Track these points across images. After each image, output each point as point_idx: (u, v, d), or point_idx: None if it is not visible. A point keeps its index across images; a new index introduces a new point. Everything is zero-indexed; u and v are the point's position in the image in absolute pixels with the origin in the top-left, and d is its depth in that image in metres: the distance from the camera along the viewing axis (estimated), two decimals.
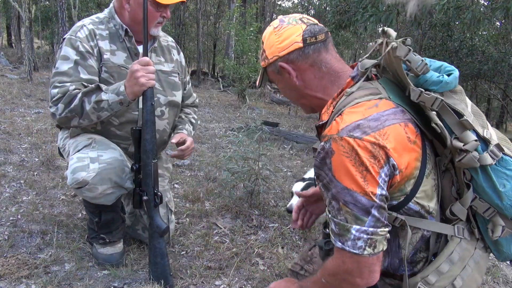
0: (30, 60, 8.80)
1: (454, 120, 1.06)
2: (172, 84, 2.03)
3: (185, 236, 2.30)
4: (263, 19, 15.84)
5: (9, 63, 12.21)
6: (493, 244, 1.16)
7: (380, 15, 5.58)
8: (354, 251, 1.04)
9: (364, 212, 1.02)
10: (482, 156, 1.03)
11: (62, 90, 1.70)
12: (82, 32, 1.81)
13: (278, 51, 1.18)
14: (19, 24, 17.03)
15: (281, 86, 1.29)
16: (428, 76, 1.08)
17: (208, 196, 2.95)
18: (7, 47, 21.95)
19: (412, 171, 1.07)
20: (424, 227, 1.13)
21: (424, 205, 1.11)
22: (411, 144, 1.07)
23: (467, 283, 1.11)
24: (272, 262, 2.09)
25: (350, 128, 1.03)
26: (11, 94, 6.56)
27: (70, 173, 1.67)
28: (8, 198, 2.55)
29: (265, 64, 1.25)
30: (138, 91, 1.64)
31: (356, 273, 1.07)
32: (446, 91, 1.09)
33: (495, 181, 1.05)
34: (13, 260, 1.81)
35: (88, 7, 12.81)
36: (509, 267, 2.31)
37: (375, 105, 1.08)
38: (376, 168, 1.01)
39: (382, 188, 1.02)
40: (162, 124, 2.00)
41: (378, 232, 1.03)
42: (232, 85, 10.07)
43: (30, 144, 3.82)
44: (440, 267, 1.11)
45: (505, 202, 1.05)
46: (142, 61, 1.63)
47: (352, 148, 1.01)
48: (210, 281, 1.85)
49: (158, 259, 1.70)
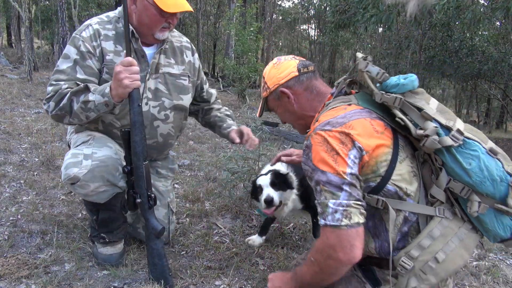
0: (30, 60, 8.80)
1: (416, 114, 1.28)
2: (180, 88, 2.00)
3: (185, 236, 2.30)
4: (263, 19, 15.84)
5: (9, 63, 12.20)
6: (479, 223, 1.26)
7: (381, 16, 5.57)
8: (334, 223, 1.22)
9: (338, 188, 1.23)
10: (442, 139, 1.22)
11: (56, 89, 1.71)
12: (87, 31, 1.81)
13: (278, 80, 1.49)
14: (19, 24, 17.03)
15: (280, 111, 1.56)
16: (388, 81, 1.33)
17: (208, 196, 2.95)
18: (7, 47, 21.94)
19: (381, 154, 1.26)
20: (405, 208, 1.28)
21: (402, 187, 1.27)
22: (378, 134, 1.28)
23: (451, 257, 1.23)
24: (272, 262, 2.09)
25: (322, 124, 1.30)
26: (11, 94, 6.56)
27: (63, 168, 1.68)
28: (8, 198, 2.55)
29: (267, 94, 1.55)
30: (123, 93, 1.60)
31: (338, 248, 1.22)
32: (408, 92, 1.31)
33: (462, 161, 1.21)
34: (13, 260, 1.81)
35: (89, 7, 12.79)
36: (509, 267, 2.31)
37: (344, 108, 1.35)
38: (345, 151, 1.24)
39: (351, 168, 1.23)
40: (166, 128, 1.98)
41: (351, 204, 1.22)
42: (232, 85, 10.08)
43: (30, 144, 3.82)
44: (421, 242, 1.24)
45: (473, 178, 1.20)
46: (124, 61, 1.58)
47: (324, 139, 1.27)
48: (210, 281, 1.85)
49: (156, 260, 1.70)
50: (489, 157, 1.22)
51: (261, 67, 9.57)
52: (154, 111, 1.93)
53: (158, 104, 1.94)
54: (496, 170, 1.20)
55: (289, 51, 19.31)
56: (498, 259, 2.38)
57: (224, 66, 9.89)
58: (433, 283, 1.24)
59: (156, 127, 1.96)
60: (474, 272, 2.18)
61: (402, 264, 1.24)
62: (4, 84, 7.58)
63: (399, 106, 1.29)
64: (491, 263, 2.31)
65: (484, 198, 1.22)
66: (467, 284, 2.05)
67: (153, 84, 1.92)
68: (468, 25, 7.46)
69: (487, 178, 1.20)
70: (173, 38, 2.03)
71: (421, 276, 1.23)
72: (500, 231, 1.25)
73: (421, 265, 1.24)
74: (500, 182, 1.20)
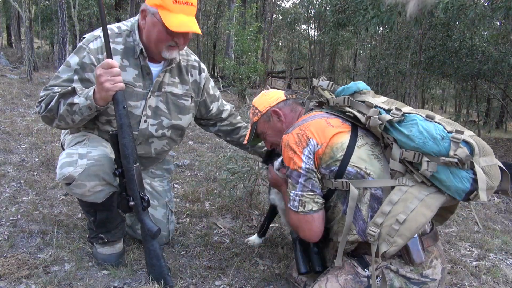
0: (30, 60, 8.80)
1: (362, 106, 1.52)
2: (180, 108, 2.00)
3: (185, 236, 2.30)
4: (263, 19, 15.82)
5: (9, 63, 12.20)
6: (439, 183, 1.36)
7: (382, 16, 5.55)
8: (293, 208, 1.52)
9: (295, 181, 1.51)
10: (381, 116, 1.43)
11: (48, 93, 1.72)
12: (95, 43, 1.78)
13: (269, 103, 1.78)
14: (19, 24, 17.02)
15: (269, 132, 1.79)
16: (337, 90, 1.63)
17: (208, 196, 2.95)
18: (7, 47, 21.94)
19: (336, 143, 1.48)
20: (368, 185, 1.45)
21: (361, 167, 1.46)
22: (333, 127, 1.51)
23: (412, 217, 1.34)
24: (272, 262, 2.09)
25: (287, 130, 1.60)
26: (11, 94, 6.56)
27: (58, 168, 1.68)
28: (8, 198, 2.55)
29: (258, 118, 1.79)
30: (106, 96, 1.58)
31: (298, 228, 1.54)
32: (356, 93, 1.56)
33: (404, 130, 1.39)
34: (13, 260, 1.81)
35: (89, 5, 12.77)
36: (509, 267, 2.31)
37: (306, 115, 1.63)
38: (300, 149, 1.49)
39: (305, 163, 1.48)
40: (160, 144, 2.00)
41: (304, 195, 1.49)
42: (232, 85, 10.07)
43: (30, 144, 3.82)
44: (383, 209, 1.38)
45: (417, 141, 1.36)
46: (104, 64, 1.55)
47: (286, 140, 1.54)
48: (210, 281, 1.85)
49: (153, 260, 1.70)
50: (427, 122, 1.39)
51: (261, 67, 9.57)
52: (152, 129, 1.92)
53: (157, 122, 1.93)
54: (435, 130, 1.36)
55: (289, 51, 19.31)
56: (498, 259, 2.38)
57: (224, 66, 9.88)
58: (401, 243, 1.34)
59: (150, 143, 1.96)
60: (474, 272, 2.18)
61: (369, 233, 1.37)
62: (4, 84, 7.58)
63: (348, 104, 1.55)
64: (491, 263, 2.31)
65: (434, 158, 1.34)
66: (467, 284, 2.05)
67: (154, 102, 1.91)
68: (468, 25, 7.45)
69: (428, 138, 1.35)
70: (181, 56, 1.99)
71: (389, 240, 1.35)
72: (459, 184, 1.34)
73: (387, 229, 1.36)
74: (442, 140, 1.34)
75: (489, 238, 2.66)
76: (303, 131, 1.51)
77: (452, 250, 2.44)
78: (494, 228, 2.93)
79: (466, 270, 2.19)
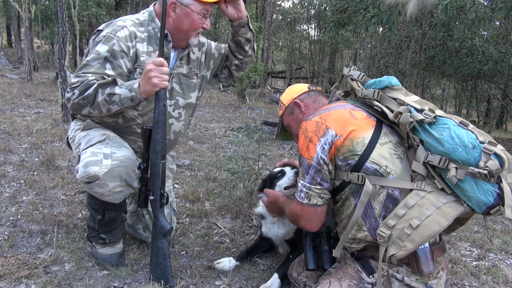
0: (30, 60, 8.81)
1: (392, 102, 1.47)
2: (191, 86, 2.08)
3: (185, 236, 2.30)
4: (263, 19, 15.82)
5: (9, 63, 12.21)
6: (461, 192, 1.32)
7: (381, 16, 5.55)
8: (299, 199, 1.53)
9: (305, 171, 1.49)
10: (413, 114, 1.38)
11: (82, 79, 1.72)
12: (123, 32, 1.82)
13: (292, 96, 1.78)
14: (19, 24, 17.02)
15: (293, 125, 1.78)
16: (368, 82, 1.57)
17: (208, 196, 2.95)
18: (7, 47, 21.95)
19: (358, 137, 1.43)
20: (385, 184, 1.41)
21: (381, 165, 1.41)
22: (356, 120, 1.47)
23: (426, 223, 1.30)
24: (272, 262, 2.09)
25: (308, 116, 1.58)
26: (11, 94, 6.56)
27: (82, 166, 1.67)
28: (8, 198, 2.55)
29: (282, 111, 1.80)
30: (150, 91, 1.64)
31: (299, 217, 1.56)
32: (387, 88, 1.51)
33: (434, 133, 1.35)
34: (13, 260, 1.81)
35: (88, 6, 12.78)
36: (509, 267, 2.31)
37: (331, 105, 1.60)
38: (316, 139, 1.46)
39: (318, 153, 1.45)
40: (178, 125, 2.05)
41: (312, 188, 1.48)
42: (232, 85, 10.08)
43: (30, 144, 3.82)
44: (397, 211, 1.35)
45: (446, 146, 1.31)
46: (156, 61, 1.63)
47: (304, 128, 1.52)
48: (210, 281, 1.85)
49: (160, 259, 1.70)
50: (460, 128, 1.35)
51: (261, 67, 9.57)
52: (170, 109, 1.99)
53: (174, 103, 2.00)
54: (467, 138, 1.31)
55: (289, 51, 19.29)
56: (498, 259, 2.38)
57: None
58: (410, 248, 1.30)
59: (170, 125, 2.01)
60: (474, 272, 2.18)
61: (380, 233, 1.34)
62: (4, 84, 7.58)
63: (378, 98, 1.50)
64: (491, 263, 2.31)
65: (460, 166, 1.30)
66: (467, 284, 2.05)
67: (170, 84, 1.96)
68: (469, 26, 7.44)
69: (458, 145, 1.30)
70: None
71: (398, 244, 1.32)
72: (482, 197, 1.30)
73: (398, 232, 1.32)
74: (473, 149, 1.29)
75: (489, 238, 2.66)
76: (324, 119, 1.47)
77: (452, 250, 2.44)
78: (494, 228, 2.93)
79: (466, 270, 2.19)
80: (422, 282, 1.40)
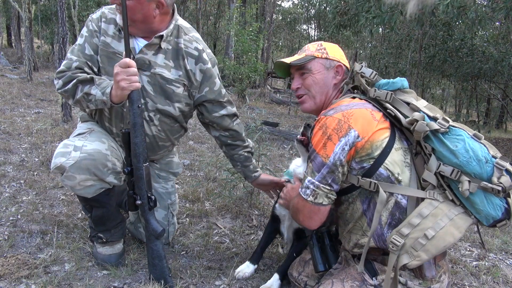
0: (30, 60, 8.80)
1: (405, 107, 1.44)
2: (168, 94, 1.85)
3: (185, 236, 2.30)
4: (263, 19, 15.82)
5: (9, 63, 12.21)
6: (470, 205, 1.33)
7: (383, 17, 5.53)
8: (303, 195, 1.43)
9: (317, 168, 1.40)
10: (429, 123, 1.35)
11: (67, 64, 1.77)
12: (96, 13, 1.87)
13: (340, 58, 1.62)
14: (19, 24, 17.02)
15: (317, 77, 1.59)
16: (380, 81, 1.52)
17: (208, 196, 2.95)
18: (7, 47, 21.95)
19: (377, 140, 1.38)
20: (397, 191, 1.37)
21: (394, 173, 1.37)
22: (377, 122, 1.40)
23: (441, 235, 1.29)
24: (272, 262, 2.09)
25: (327, 110, 1.46)
26: (11, 94, 6.56)
27: (53, 157, 1.70)
28: (8, 198, 2.55)
29: (321, 56, 1.60)
30: (121, 95, 1.59)
31: (300, 211, 1.47)
32: (398, 91, 1.48)
33: (449, 144, 1.33)
34: (13, 260, 1.81)
35: (88, 6, 12.78)
36: (509, 267, 2.31)
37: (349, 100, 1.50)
38: (336, 138, 1.36)
39: (336, 153, 1.36)
40: (152, 129, 1.89)
41: (321, 187, 1.40)
42: (232, 85, 10.07)
43: (30, 144, 3.82)
44: (411, 220, 1.32)
45: (460, 158, 1.30)
46: (121, 63, 1.55)
47: (324, 123, 1.40)
48: (210, 281, 1.85)
49: (156, 261, 1.70)
50: (474, 140, 1.34)
51: (261, 67, 9.57)
52: None
53: (143, 103, 1.82)
54: (480, 152, 1.30)
55: (289, 51, 19.28)
56: (498, 259, 2.38)
57: (224, 66, 9.88)
58: (424, 259, 1.29)
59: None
60: (474, 272, 2.18)
61: (393, 241, 1.31)
62: (4, 84, 7.58)
63: (390, 100, 1.45)
64: (491, 263, 2.31)
65: (472, 179, 1.30)
66: (467, 284, 2.05)
67: (141, 81, 1.77)
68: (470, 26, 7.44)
69: (472, 158, 1.29)
70: (183, 40, 1.86)
71: (412, 253, 1.30)
72: (491, 211, 1.31)
73: (412, 242, 1.30)
74: (486, 163, 1.29)
75: (489, 238, 2.66)
76: (346, 118, 1.38)
77: (452, 250, 2.44)
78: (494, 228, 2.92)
79: (466, 270, 2.19)
80: (425, 286, 1.39)
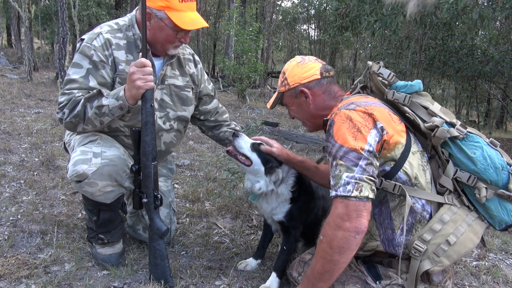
0: (30, 60, 8.80)
1: (423, 111, 1.43)
2: (184, 99, 2.02)
3: (185, 236, 2.30)
4: (263, 19, 15.83)
5: (9, 63, 12.21)
6: (485, 211, 1.36)
7: (385, 20, 5.51)
8: (344, 193, 1.27)
9: (354, 163, 1.29)
10: (449, 130, 1.35)
11: (69, 97, 1.70)
12: (98, 40, 1.79)
13: (300, 79, 1.57)
14: (19, 24, 17.02)
15: (294, 108, 1.63)
16: (397, 83, 1.48)
17: (208, 196, 2.95)
18: (7, 47, 21.95)
19: (397, 140, 1.35)
20: (417, 195, 1.36)
21: (411, 177, 1.36)
22: (395, 123, 1.38)
23: (462, 240, 1.31)
24: (272, 262, 2.09)
25: (347, 105, 1.39)
26: (11, 94, 6.56)
27: (71, 165, 1.67)
28: (8, 198, 2.55)
29: (285, 89, 1.61)
30: (136, 94, 1.61)
31: (345, 216, 1.26)
32: (414, 93, 1.45)
33: (467, 151, 1.34)
34: (13, 260, 1.81)
35: (88, 6, 12.79)
36: (509, 267, 2.31)
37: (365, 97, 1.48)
38: (366, 130, 1.31)
39: (370, 145, 1.30)
40: (169, 136, 2.01)
41: (364, 179, 1.28)
42: (232, 85, 10.08)
43: (30, 144, 3.82)
44: (433, 226, 1.33)
45: (479, 166, 1.32)
46: (138, 63, 1.59)
47: (348, 116, 1.34)
48: (210, 281, 1.85)
49: (158, 260, 1.70)
50: (491, 148, 1.36)
51: (261, 67, 9.57)
52: (160, 121, 1.93)
53: (164, 114, 1.95)
54: (497, 159, 1.33)
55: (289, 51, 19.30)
56: (498, 259, 2.38)
57: (224, 66, 9.89)
58: (446, 265, 1.31)
59: (160, 136, 1.96)
60: (474, 272, 2.18)
61: (416, 247, 1.32)
62: (4, 84, 7.58)
63: (408, 103, 1.42)
64: (491, 263, 2.31)
65: (489, 186, 1.33)
66: (467, 284, 2.05)
67: (159, 95, 1.92)
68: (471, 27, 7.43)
69: (490, 165, 1.32)
70: (180, 49, 1.99)
71: (434, 259, 1.31)
72: (505, 216, 1.36)
73: (434, 247, 1.31)
74: (502, 170, 1.32)
75: (489, 238, 2.66)
76: (369, 111, 1.34)
77: None
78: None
79: (466, 270, 2.19)
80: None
